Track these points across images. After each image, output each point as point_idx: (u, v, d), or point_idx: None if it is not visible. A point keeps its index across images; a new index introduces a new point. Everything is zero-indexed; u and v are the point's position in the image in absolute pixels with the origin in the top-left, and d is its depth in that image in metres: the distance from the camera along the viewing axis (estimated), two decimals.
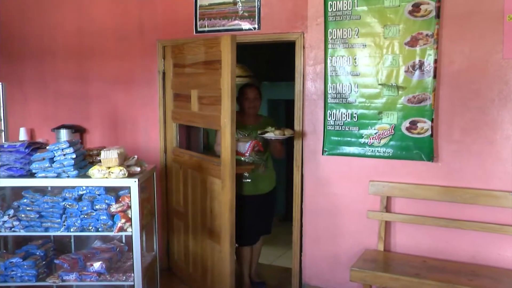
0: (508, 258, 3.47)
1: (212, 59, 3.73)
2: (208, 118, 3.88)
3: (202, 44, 3.89)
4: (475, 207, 3.51)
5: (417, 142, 3.63)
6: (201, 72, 3.93)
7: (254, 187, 4.11)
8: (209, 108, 3.84)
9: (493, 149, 3.46)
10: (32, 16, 5.00)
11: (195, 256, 4.21)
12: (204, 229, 4.03)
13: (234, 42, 3.47)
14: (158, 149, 4.63)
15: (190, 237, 4.24)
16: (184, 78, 4.25)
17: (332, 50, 3.86)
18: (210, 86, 3.75)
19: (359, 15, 3.74)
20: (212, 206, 3.86)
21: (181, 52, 4.24)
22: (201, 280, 4.12)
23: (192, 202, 4.17)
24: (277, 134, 3.78)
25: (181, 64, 4.26)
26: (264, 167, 4.10)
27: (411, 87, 3.62)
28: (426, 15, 3.52)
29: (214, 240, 3.86)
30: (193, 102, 4.06)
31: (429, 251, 3.71)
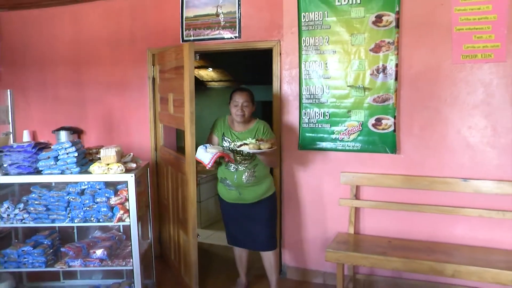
0: (459, 235, 3.78)
1: (179, 64, 3.77)
2: (178, 119, 3.93)
3: (173, 51, 4.00)
4: (431, 193, 3.79)
5: (382, 137, 3.88)
6: (174, 77, 4.00)
7: (237, 195, 3.71)
8: (178, 110, 3.91)
9: (446, 142, 3.75)
10: (33, 29, 5.17)
11: (174, 245, 4.38)
12: (178, 220, 4.16)
13: (192, 48, 3.55)
14: (149, 148, 4.83)
15: (171, 228, 4.42)
16: (165, 82, 4.37)
17: (306, 56, 4.07)
18: (179, 90, 3.79)
19: (329, 25, 3.96)
20: (183, 199, 3.95)
21: (163, 59, 4.38)
22: (178, 267, 4.29)
23: (172, 196, 4.33)
24: (251, 148, 3.35)
25: (163, 70, 4.39)
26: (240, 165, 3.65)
27: (375, 88, 3.86)
28: (387, 25, 3.77)
29: (184, 231, 3.99)
30: (169, 105, 4.18)
31: (393, 232, 3.97)
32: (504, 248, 3.66)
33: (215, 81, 6.58)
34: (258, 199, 3.73)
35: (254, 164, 3.66)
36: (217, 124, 3.80)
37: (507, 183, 3.59)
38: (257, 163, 3.66)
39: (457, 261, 3.44)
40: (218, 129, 3.77)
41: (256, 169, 3.67)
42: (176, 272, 4.39)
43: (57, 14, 5.06)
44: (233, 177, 3.65)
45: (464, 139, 3.71)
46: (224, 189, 3.78)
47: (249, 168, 3.65)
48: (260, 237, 3.79)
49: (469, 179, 3.68)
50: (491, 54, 3.58)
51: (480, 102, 3.64)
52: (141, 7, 4.73)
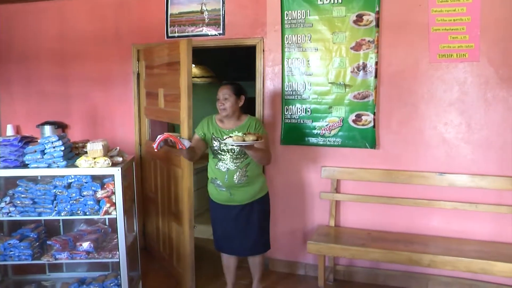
0: (434, 226, 3.91)
1: (173, 60, 3.88)
2: (171, 114, 4.03)
3: (166, 47, 4.07)
4: (409, 186, 3.91)
5: (362, 132, 3.97)
6: (165, 72, 4.09)
7: (228, 196, 3.48)
8: (171, 105, 4.01)
9: (423, 138, 3.87)
10: (17, 23, 5.13)
11: (164, 237, 4.43)
12: (170, 213, 4.22)
13: (190, 45, 3.64)
14: (134, 142, 4.85)
15: (160, 220, 4.47)
16: (153, 78, 4.42)
17: (288, 53, 4.14)
18: (172, 85, 3.91)
19: (311, 23, 4.04)
20: (176, 192, 4.05)
21: (151, 55, 4.42)
22: (168, 259, 4.35)
23: (161, 189, 4.38)
24: (235, 140, 3.07)
25: (151, 66, 4.44)
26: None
27: (356, 85, 3.95)
28: (367, 24, 3.87)
29: (178, 223, 4.06)
30: (159, 100, 4.25)
31: (373, 224, 4.08)
32: (476, 239, 3.80)
33: (197, 77, 6.60)
34: (250, 200, 3.51)
35: (246, 163, 3.44)
36: (202, 124, 3.59)
37: (480, 177, 3.73)
38: (249, 162, 3.44)
39: (433, 251, 3.57)
40: (204, 129, 3.55)
41: (248, 169, 3.45)
42: (165, 264, 4.45)
43: (43, 9, 5.03)
44: (224, 177, 3.45)
45: (440, 134, 3.83)
46: (215, 190, 3.55)
47: (241, 167, 3.43)
48: (250, 242, 3.57)
49: (444, 173, 3.81)
50: (465, 54, 3.70)
51: (455, 100, 3.77)
52: (126, 4, 4.74)
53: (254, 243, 3.59)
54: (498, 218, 3.76)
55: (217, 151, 3.46)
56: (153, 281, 4.21)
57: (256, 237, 3.58)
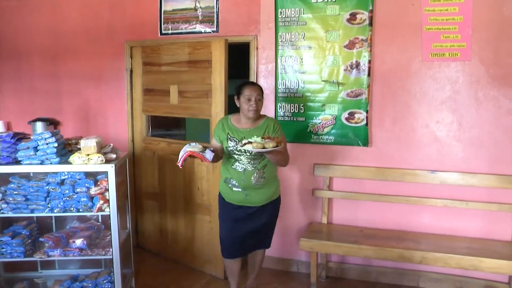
0: (426, 224, 3.95)
1: (198, 59, 4.12)
2: (193, 109, 4.24)
3: (186, 46, 4.22)
4: (401, 184, 3.94)
5: (355, 130, 3.99)
6: (185, 70, 4.25)
7: (243, 197, 3.34)
8: (193, 101, 4.21)
9: (415, 136, 3.90)
10: (9, 18, 5.06)
11: (175, 231, 4.54)
12: (189, 205, 4.37)
13: (226, 44, 3.90)
14: (126, 139, 4.82)
15: (168, 215, 4.58)
16: (159, 75, 4.49)
17: (282, 51, 4.14)
18: (195, 82, 4.15)
19: (305, 21, 4.04)
20: (200, 184, 4.24)
21: (155, 52, 4.48)
22: (183, 251, 4.50)
23: (172, 183, 4.49)
24: (255, 147, 2.95)
25: (155, 63, 4.50)
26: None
27: (349, 83, 3.96)
28: (361, 23, 3.88)
29: (203, 213, 4.24)
30: (172, 96, 4.37)
31: (365, 222, 4.10)
32: (467, 236, 3.84)
33: None
34: (265, 202, 3.40)
35: (264, 165, 3.32)
36: (218, 127, 3.43)
37: (471, 175, 3.76)
38: (267, 163, 3.32)
39: (424, 248, 3.60)
40: (220, 132, 3.38)
41: (265, 170, 3.33)
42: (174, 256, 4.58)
43: (35, 5, 4.97)
44: (241, 178, 3.30)
45: (432, 133, 3.86)
46: (229, 190, 3.40)
47: (258, 169, 3.30)
48: (256, 239, 3.54)
49: (436, 171, 3.84)
50: (457, 53, 3.73)
51: (447, 98, 3.80)
52: (119, 0, 4.70)
53: (260, 239, 3.57)
54: (488, 216, 3.80)
55: (233, 151, 3.30)
56: (146, 278, 4.20)
57: (264, 236, 3.56)
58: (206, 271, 4.34)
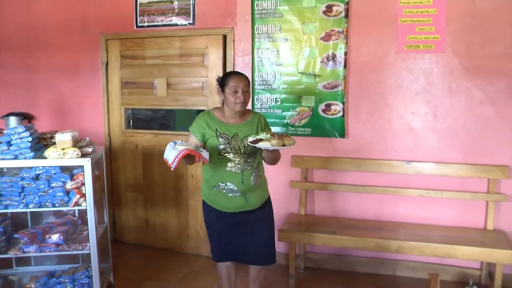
0: (402, 213, 4.00)
1: (192, 52, 4.31)
2: (186, 101, 4.41)
3: (177, 39, 4.34)
4: (378, 174, 3.98)
5: (331, 122, 4.00)
6: (175, 63, 4.39)
7: (243, 202, 2.95)
8: (186, 93, 4.39)
9: (391, 127, 3.93)
10: None
11: (165, 220, 4.67)
12: (181, 192, 4.53)
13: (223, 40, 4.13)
14: (103, 133, 4.76)
15: (156, 205, 4.69)
16: (143, 68, 4.52)
17: (259, 43, 4.13)
18: (188, 75, 4.36)
19: (281, 14, 4.03)
20: (193, 171, 4.40)
21: (137, 45, 4.51)
22: (173, 238, 4.65)
23: (160, 174, 4.59)
24: (274, 144, 2.65)
25: (138, 56, 4.52)
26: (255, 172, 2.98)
27: (325, 75, 3.98)
28: (337, 15, 3.89)
29: (197, 199, 4.37)
30: (160, 89, 4.48)
31: (342, 212, 4.13)
32: (442, 224, 3.91)
33: None
34: (261, 202, 3.09)
35: (258, 162, 3.02)
36: (199, 123, 2.96)
37: (445, 165, 3.82)
38: (259, 161, 3.04)
39: (401, 237, 3.65)
40: (203, 128, 2.93)
41: (260, 168, 3.06)
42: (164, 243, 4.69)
43: None
44: (240, 179, 2.92)
45: (407, 124, 3.90)
46: (223, 198, 2.96)
47: (255, 167, 2.99)
48: (263, 248, 3.09)
49: (411, 161, 3.88)
50: (431, 45, 3.77)
51: (422, 90, 3.84)
52: None
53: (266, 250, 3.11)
54: (462, 204, 3.87)
55: (225, 150, 2.89)
56: (124, 273, 4.16)
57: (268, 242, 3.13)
58: (202, 253, 4.53)
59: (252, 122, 3.01)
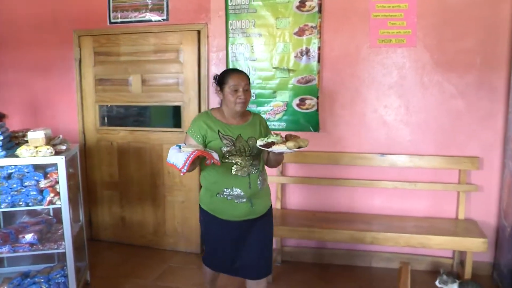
0: (376, 205, 4.06)
1: (167, 48, 4.30)
2: (161, 97, 4.41)
3: (152, 36, 4.33)
4: (352, 168, 4.02)
5: (306, 116, 4.03)
6: (150, 59, 4.38)
7: (249, 209, 2.73)
8: (161, 90, 4.39)
9: (365, 121, 3.98)
10: None
11: (142, 217, 4.65)
12: (158, 189, 4.53)
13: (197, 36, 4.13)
14: (77, 131, 4.70)
15: (132, 202, 4.66)
16: (118, 65, 4.49)
17: (233, 38, 4.13)
18: (163, 71, 4.35)
19: (255, 9, 4.03)
20: (170, 167, 4.23)
21: (111, 41, 4.46)
22: (151, 235, 4.64)
23: (136, 171, 4.58)
24: (291, 147, 2.50)
25: (112, 53, 4.49)
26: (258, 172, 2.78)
27: (299, 70, 4.00)
28: (310, 10, 3.91)
29: (174, 195, 4.47)
30: (135, 85, 4.46)
31: (318, 206, 4.17)
32: (415, 215, 3.98)
33: None
34: (266, 209, 2.89)
35: (262, 165, 2.87)
36: (198, 124, 2.75)
37: (418, 157, 3.88)
38: (263, 164, 2.88)
39: (375, 229, 3.71)
40: (204, 130, 2.72)
41: (264, 171, 2.89)
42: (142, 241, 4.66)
43: None
44: (247, 184, 2.72)
45: (380, 117, 3.95)
46: (227, 205, 2.73)
47: (261, 170, 2.82)
48: (261, 261, 2.86)
49: (385, 154, 3.94)
50: (403, 40, 3.82)
51: (394, 84, 3.89)
52: None
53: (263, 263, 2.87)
54: (434, 195, 3.95)
55: (230, 152, 2.69)
56: (101, 271, 4.13)
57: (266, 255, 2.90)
58: (180, 249, 4.54)
59: (253, 123, 2.84)
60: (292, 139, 2.56)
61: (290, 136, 2.62)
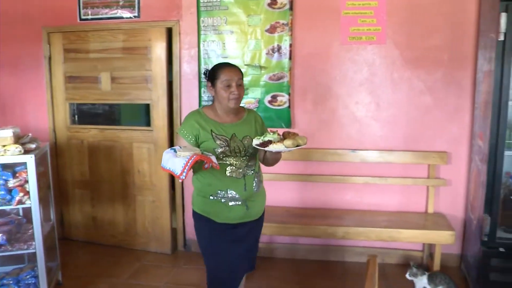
0: (348, 201, 4.11)
1: (136, 46, 4.25)
2: (130, 95, 4.36)
3: (121, 33, 4.27)
4: (324, 163, 4.06)
5: (278, 113, 4.05)
6: (119, 56, 4.32)
7: (244, 211, 2.58)
8: (131, 87, 4.33)
9: (336, 117, 4.02)
10: None
11: (112, 216, 4.60)
12: (128, 188, 4.49)
13: (166, 32, 4.10)
14: (48, 129, 4.63)
15: (103, 201, 4.61)
16: (87, 62, 4.43)
17: (205, 36, 4.12)
18: (133, 68, 4.29)
19: (227, 6, 4.03)
20: (140, 166, 4.40)
21: (81, 38, 4.40)
22: (122, 235, 4.59)
23: (107, 170, 4.54)
24: (290, 145, 2.33)
25: (81, 50, 4.43)
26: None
27: (271, 67, 4.02)
28: (282, 7, 3.93)
29: (145, 194, 4.44)
30: (104, 83, 4.40)
31: (291, 202, 4.20)
32: (386, 210, 4.05)
33: None
34: (262, 212, 2.76)
35: (258, 165, 2.70)
36: (190, 124, 2.57)
37: (388, 152, 3.95)
38: (258, 164, 2.70)
39: (347, 224, 3.76)
40: (197, 130, 2.54)
41: (260, 172, 2.72)
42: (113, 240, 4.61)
43: None
44: (242, 186, 2.57)
45: (352, 113, 4.00)
46: (222, 208, 2.57)
47: (256, 171, 2.66)
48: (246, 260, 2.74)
49: (356, 150, 3.99)
50: (373, 37, 3.87)
51: (365, 80, 3.95)
52: None
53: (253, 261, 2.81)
54: (404, 190, 4.02)
55: (224, 153, 2.52)
56: (74, 271, 4.07)
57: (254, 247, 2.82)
58: (151, 249, 4.49)
59: (248, 121, 2.68)
60: (290, 137, 2.41)
61: (288, 134, 2.46)
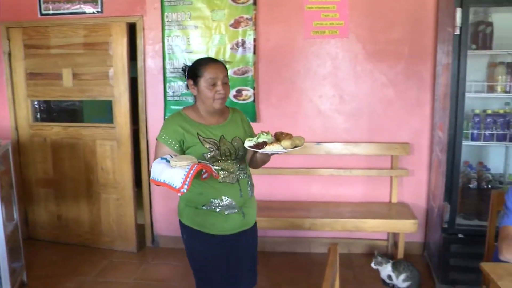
0: (314, 193, 4.18)
1: (96, 41, 4.17)
2: (92, 91, 4.27)
3: (82, 28, 4.20)
4: (290, 157, 4.06)
5: (243, 107, 4.04)
6: (80, 52, 4.23)
7: (241, 219, 2.36)
8: (92, 84, 4.25)
9: (301, 110, 4.07)
10: None
11: (77, 215, 4.52)
12: (92, 186, 4.41)
13: (127, 28, 4.07)
14: (9, 127, 4.52)
15: (67, 200, 4.52)
16: (48, 58, 4.32)
17: (169, 31, 4.09)
18: (94, 64, 4.20)
19: (190, 1, 4.01)
20: (103, 164, 4.33)
21: (41, 34, 4.29)
22: (87, 234, 4.52)
23: (70, 168, 4.45)
24: (287, 146, 2.15)
25: (42, 46, 4.32)
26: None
27: (236, 62, 4.03)
28: (245, 2, 3.94)
29: (109, 192, 4.37)
30: (66, 79, 4.31)
31: (258, 195, 3.95)
32: (351, 201, 4.13)
33: None
34: (255, 218, 2.52)
35: (249, 168, 2.49)
36: (173, 129, 2.32)
37: (353, 144, 4.02)
38: (248, 167, 2.50)
39: (313, 215, 3.82)
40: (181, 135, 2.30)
41: (251, 175, 2.50)
42: (78, 239, 4.54)
43: None
44: (237, 191, 2.34)
45: (316, 107, 4.05)
46: (217, 218, 2.32)
47: (249, 175, 2.45)
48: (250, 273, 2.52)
49: (321, 142, 4.05)
50: (336, 31, 3.93)
51: (329, 74, 4.00)
52: None
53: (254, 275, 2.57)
54: (369, 181, 4.11)
55: (215, 157, 2.29)
56: (39, 270, 4.01)
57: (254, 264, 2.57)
58: (116, 248, 4.44)
59: (234, 121, 2.47)
60: (286, 138, 2.22)
61: (281, 134, 2.28)
